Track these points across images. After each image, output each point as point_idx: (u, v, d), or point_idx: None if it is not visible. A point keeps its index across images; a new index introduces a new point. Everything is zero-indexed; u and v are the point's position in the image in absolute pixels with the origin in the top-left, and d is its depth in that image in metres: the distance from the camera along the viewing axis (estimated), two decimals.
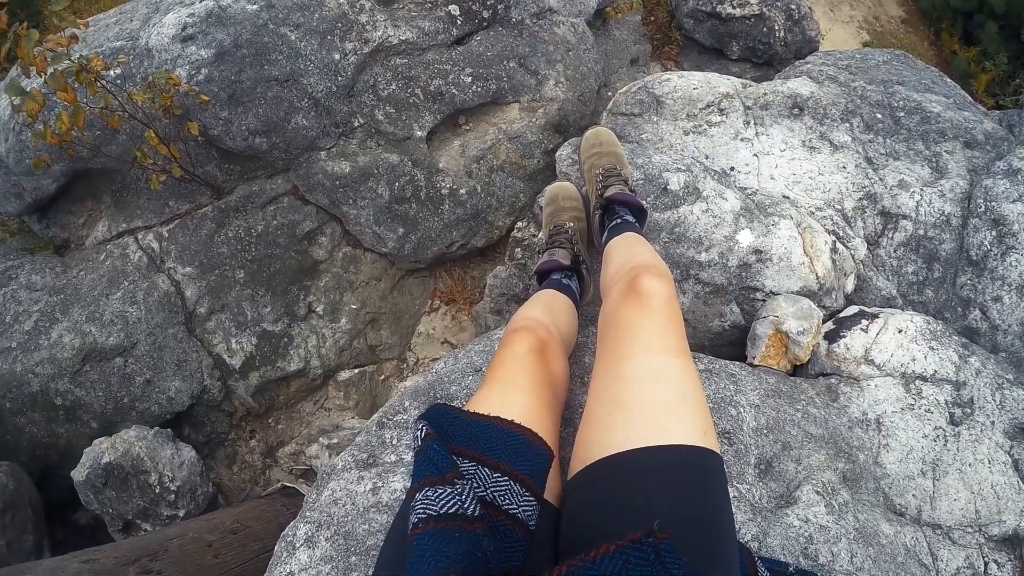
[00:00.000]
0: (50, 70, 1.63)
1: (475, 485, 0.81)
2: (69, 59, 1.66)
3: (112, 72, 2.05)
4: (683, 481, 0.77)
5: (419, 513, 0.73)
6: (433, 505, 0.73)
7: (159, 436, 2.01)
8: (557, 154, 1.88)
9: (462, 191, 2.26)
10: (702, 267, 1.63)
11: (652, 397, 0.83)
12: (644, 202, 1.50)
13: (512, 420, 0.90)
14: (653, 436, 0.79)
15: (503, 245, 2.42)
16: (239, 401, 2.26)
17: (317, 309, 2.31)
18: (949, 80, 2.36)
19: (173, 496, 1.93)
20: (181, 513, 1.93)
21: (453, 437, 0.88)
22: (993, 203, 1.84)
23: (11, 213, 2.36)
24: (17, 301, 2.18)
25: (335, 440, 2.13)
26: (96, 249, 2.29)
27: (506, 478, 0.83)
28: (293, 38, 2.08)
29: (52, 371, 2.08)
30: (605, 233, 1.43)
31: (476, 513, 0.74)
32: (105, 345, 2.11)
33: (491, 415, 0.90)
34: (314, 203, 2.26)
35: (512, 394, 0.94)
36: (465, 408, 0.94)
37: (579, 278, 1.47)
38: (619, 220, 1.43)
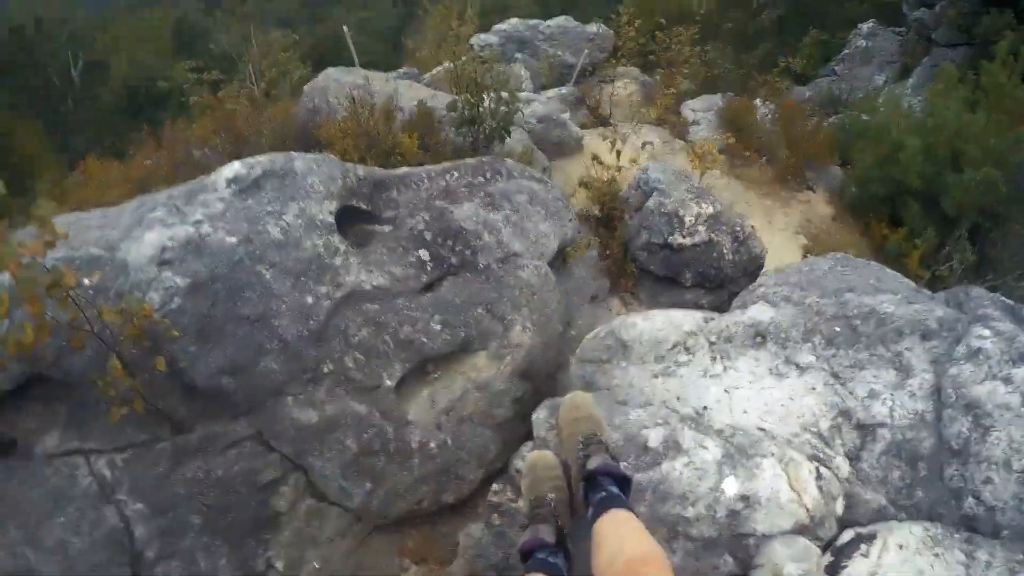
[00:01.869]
0: (20, 275, 1.58)
1: None
2: (44, 267, 1.61)
3: (86, 280, 1.97)
4: None
5: None
6: None
7: None
8: (534, 417, 1.89)
9: (432, 444, 2.20)
10: (690, 523, 1.59)
11: None
12: (626, 471, 1.53)
13: None
14: None
15: (473, 500, 2.31)
16: None
17: (277, 564, 2.10)
18: (890, 271, 2.42)
19: None
20: None
21: None
22: (963, 389, 1.85)
23: None
24: None
25: None
26: (44, 461, 2.06)
27: None
28: (268, 277, 2.07)
29: None
30: (591, 508, 1.42)
31: None
32: (40, 575, 1.85)
33: None
34: (278, 451, 2.15)
35: None
36: None
37: (565, 554, 1.44)
38: (604, 493, 1.43)
